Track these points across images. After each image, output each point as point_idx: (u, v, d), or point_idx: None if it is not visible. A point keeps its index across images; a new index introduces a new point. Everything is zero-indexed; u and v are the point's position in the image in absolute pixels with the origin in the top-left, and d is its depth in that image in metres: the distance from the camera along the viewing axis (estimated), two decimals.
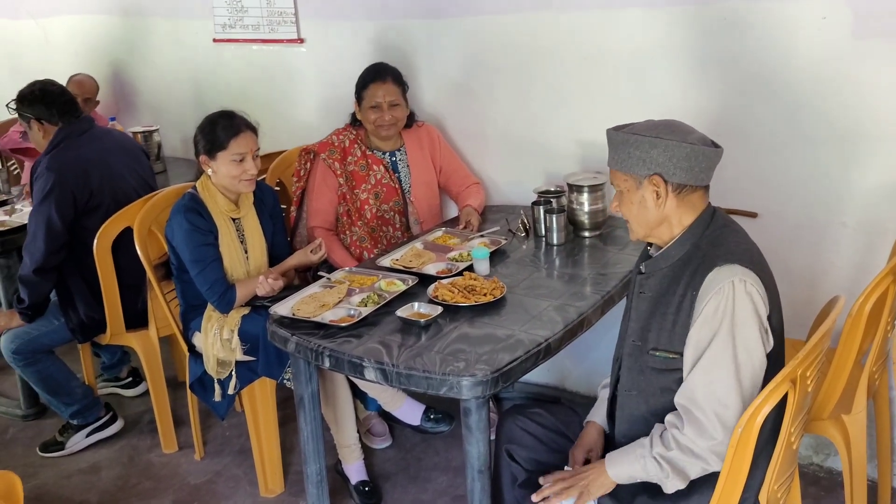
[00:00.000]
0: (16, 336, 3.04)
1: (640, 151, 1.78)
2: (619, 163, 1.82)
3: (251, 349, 2.71)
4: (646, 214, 1.83)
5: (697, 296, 1.74)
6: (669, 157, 1.76)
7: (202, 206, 2.73)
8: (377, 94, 3.01)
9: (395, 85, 3.03)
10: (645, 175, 1.79)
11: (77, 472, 3.12)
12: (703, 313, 1.72)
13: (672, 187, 1.79)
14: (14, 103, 3.07)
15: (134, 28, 4.32)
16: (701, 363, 1.72)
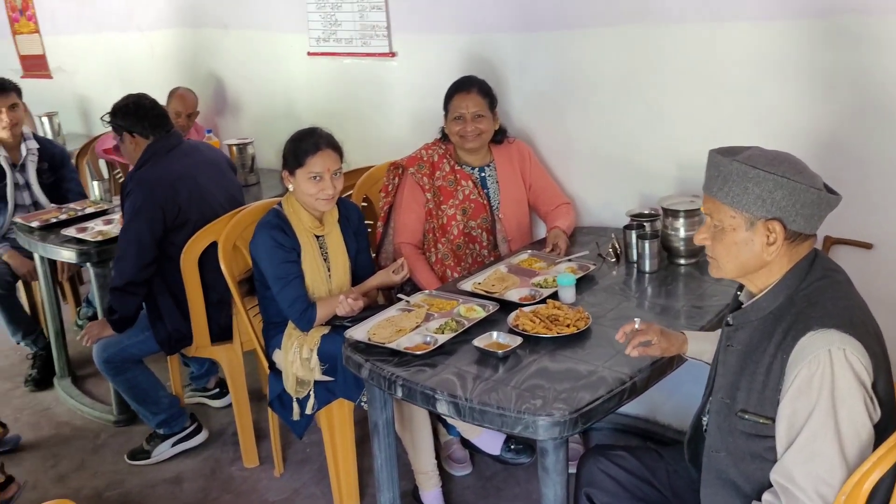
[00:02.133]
0: (107, 345, 3.10)
1: (761, 189, 1.56)
2: (731, 196, 1.59)
3: (330, 369, 2.67)
4: (747, 257, 1.63)
5: (788, 361, 1.55)
6: (794, 202, 1.55)
7: (286, 223, 2.71)
8: (461, 104, 2.95)
9: (480, 96, 2.94)
10: (762, 217, 1.58)
11: (161, 482, 3.15)
12: (796, 384, 1.53)
13: (787, 234, 1.59)
14: (108, 115, 3.13)
15: (233, 41, 4.39)
16: (798, 441, 1.52)
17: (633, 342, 1.92)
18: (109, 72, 5.33)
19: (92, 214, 3.72)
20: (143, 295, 3.06)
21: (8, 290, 3.88)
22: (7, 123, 3.89)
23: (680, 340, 1.98)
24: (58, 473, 3.25)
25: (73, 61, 5.69)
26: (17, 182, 3.99)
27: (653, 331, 1.93)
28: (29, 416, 3.71)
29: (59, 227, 3.55)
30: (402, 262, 2.78)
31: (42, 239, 3.47)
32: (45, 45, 5.86)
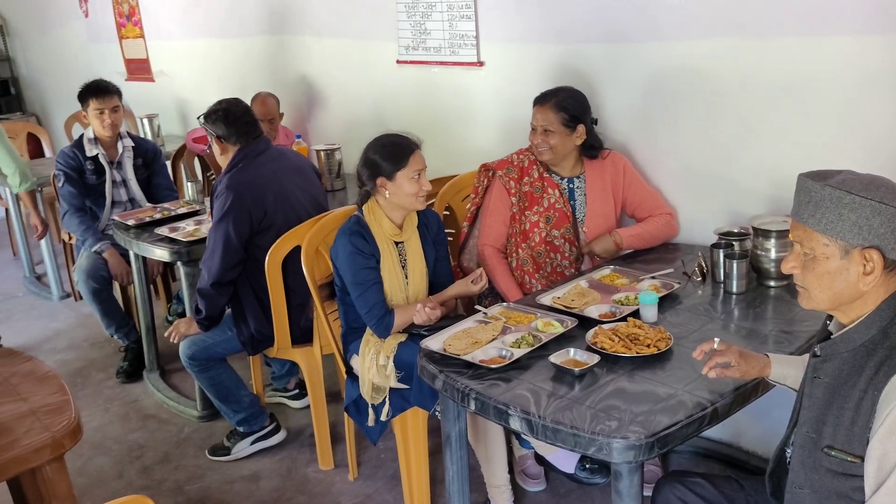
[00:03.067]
0: (192, 343, 3.19)
1: (857, 216, 1.47)
2: (823, 223, 1.51)
3: (406, 377, 2.68)
4: (841, 288, 1.54)
5: (880, 399, 1.46)
6: (893, 229, 1.47)
7: (366, 230, 2.73)
8: (534, 117, 2.95)
9: (553, 111, 2.90)
10: (858, 245, 1.49)
11: (239, 479, 3.22)
12: (888, 423, 1.44)
13: (885, 263, 1.50)
14: (202, 118, 3.22)
15: (325, 48, 4.46)
16: (889, 483, 1.44)
17: (711, 362, 1.86)
18: (207, 76, 5.50)
19: (184, 214, 3.84)
20: (228, 296, 3.14)
21: (103, 286, 4.04)
22: (109, 124, 4.07)
23: (761, 363, 1.90)
24: (142, 465, 3.36)
25: (174, 65, 5.90)
26: (115, 179, 4.17)
27: (732, 352, 1.87)
28: (118, 407, 3.85)
29: (154, 226, 3.68)
30: (481, 273, 2.77)
31: (137, 237, 3.59)
32: (148, 49, 6.09)
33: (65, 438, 2.06)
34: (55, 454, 2.05)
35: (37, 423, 2.09)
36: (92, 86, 4.10)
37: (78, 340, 4.64)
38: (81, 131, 6.14)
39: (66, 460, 2.12)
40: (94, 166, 4.13)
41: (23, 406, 2.19)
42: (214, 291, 3.09)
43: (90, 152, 4.12)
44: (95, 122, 4.08)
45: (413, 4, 3.79)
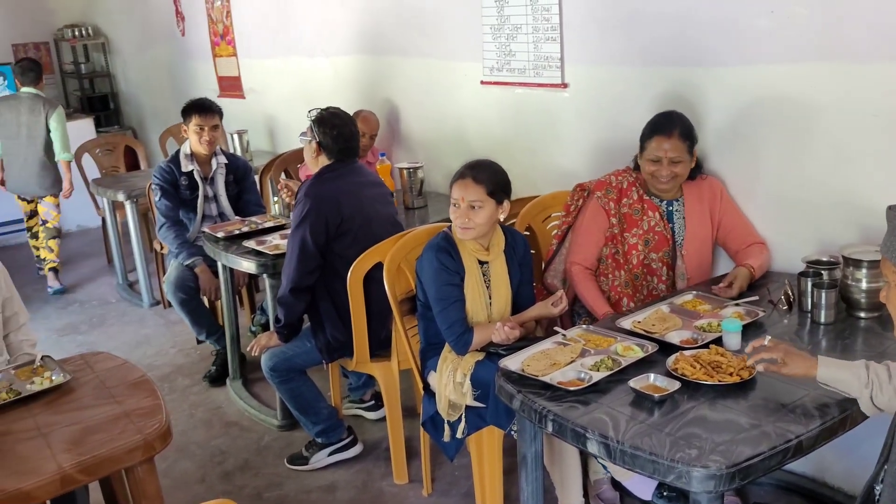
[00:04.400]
0: (273, 354, 3.28)
1: None
2: None
3: (482, 395, 2.70)
4: None
5: None
6: None
7: (453, 247, 2.77)
8: (660, 147, 2.87)
9: (680, 140, 2.86)
10: None
11: (316, 489, 3.28)
12: None
13: None
14: (310, 119, 3.29)
15: (411, 68, 4.55)
16: None
17: (757, 356, 2.01)
18: (295, 93, 5.66)
19: (271, 228, 3.95)
20: (305, 302, 3.22)
21: (191, 295, 4.19)
22: (206, 141, 4.21)
23: (808, 364, 1.96)
24: (224, 470, 3.46)
25: (264, 83, 6.09)
26: (207, 194, 4.32)
27: (779, 349, 2.01)
28: (203, 413, 3.98)
29: (241, 239, 3.80)
30: (562, 296, 2.77)
31: (225, 249, 3.72)
32: (240, 67, 6.31)
33: (156, 441, 2.15)
34: (146, 456, 2.14)
35: (130, 426, 2.18)
36: (196, 103, 4.24)
37: (166, 346, 4.81)
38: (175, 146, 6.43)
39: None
40: (189, 181, 4.27)
41: (117, 408, 2.29)
42: (293, 297, 3.17)
43: (185, 167, 4.25)
44: (194, 138, 4.21)
45: (499, 26, 3.84)
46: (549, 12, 3.58)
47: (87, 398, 2.38)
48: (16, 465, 2.04)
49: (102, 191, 5.42)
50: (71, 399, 2.39)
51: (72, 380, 2.47)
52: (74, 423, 2.23)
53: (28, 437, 2.17)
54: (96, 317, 5.41)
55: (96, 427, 2.19)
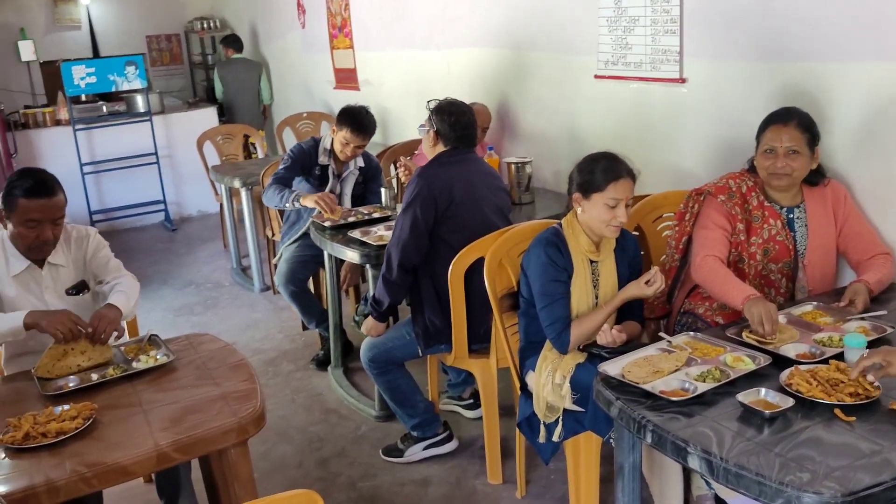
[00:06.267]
0: (373, 346, 3.28)
1: None
2: None
3: (581, 399, 2.60)
4: None
5: None
6: None
7: (563, 243, 2.69)
8: (775, 137, 2.70)
9: (798, 130, 2.68)
10: None
11: (409, 482, 3.27)
12: None
13: None
14: (428, 109, 3.29)
15: (523, 61, 4.47)
16: None
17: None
18: (408, 86, 5.67)
19: (377, 219, 3.96)
20: (408, 284, 3.20)
21: (300, 287, 4.25)
22: (347, 155, 4.17)
23: None
24: (321, 457, 3.49)
25: (378, 75, 6.15)
26: (334, 191, 4.30)
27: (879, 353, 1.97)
28: (304, 399, 4.03)
29: (348, 229, 3.81)
30: (656, 273, 2.61)
31: (332, 238, 3.74)
32: (356, 59, 6.38)
33: (249, 425, 2.17)
34: (240, 439, 2.16)
35: (226, 408, 2.21)
36: (355, 118, 4.09)
37: (273, 331, 4.92)
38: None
39: (250, 445, 2.23)
40: (321, 173, 4.27)
41: (215, 390, 2.33)
42: (397, 277, 3.15)
43: (321, 160, 4.25)
44: (338, 146, 4.17)
45: (616, 19, 3.71)
46: (668, 3, 3.43)
47: (187, 378, 2.43)
48: (117, 439, 2.10)
49: (220, 177, 5.60)
50: (173, 378, 2.44)
51: (175, 359, 2.53)
52: (174, 402, 2.28)
53: (130, 414, 2.24)
54: (210, 299, 5.59)
55: (194, 407, 2.24)
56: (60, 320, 2.47)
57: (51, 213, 2.64)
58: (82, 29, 9.38)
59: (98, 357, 2.53)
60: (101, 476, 1.99)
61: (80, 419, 2.16)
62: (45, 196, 2.62)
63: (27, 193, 2.59)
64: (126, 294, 2.73)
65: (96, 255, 2.84)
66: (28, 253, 2.70)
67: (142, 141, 7.39)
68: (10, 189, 2.62)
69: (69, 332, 2.47)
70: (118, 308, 2.63)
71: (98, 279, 2.85)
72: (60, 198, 2.67)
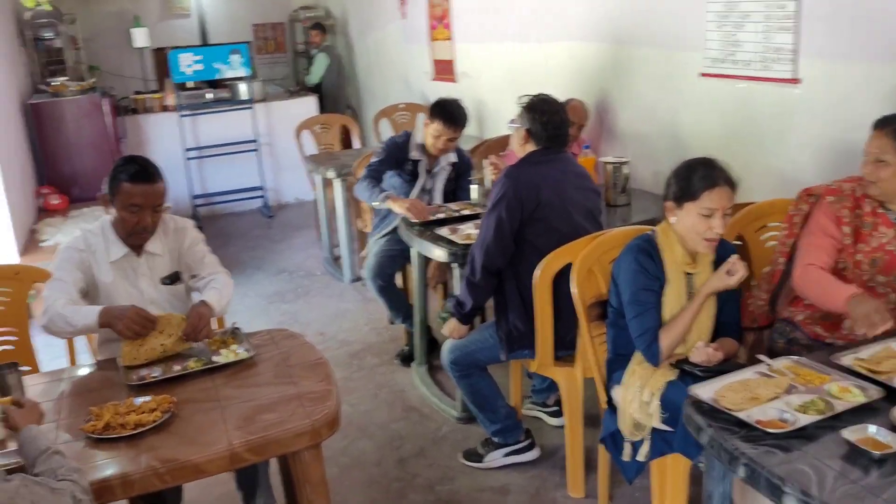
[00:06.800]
0: (456, 348, 3.21)
1: None
2: None
3: (671, 419, 2.46)
4: None
5: None
6: None
7: (656, 251, 2.55)
8: (869, 143, 2.55)
9: (889, 139, 2.49)
10: None
11: (488, 489, 3.19)
12: None
13: None
14: (520, 106, 3.16)
15: (625, 57, 4.31)
16: None
17: None
18: (505, 80, 5.57)
19: (467, 216, 3.88)
20: (493, 286, 3.12)
21: (387, 282, 4.23)
22: (439, 148, 4.09)
23: None
24: (400, 456, 3.45)
25: (476, 68, 6.06)
26: (425, 187, 4.24)
27: None
28: (386, 395, 4.01)
29: (436, 226, 3.75)
30: (735, 260, 2.45)
31: (419, 235, 3.69)
32: (454, 51, 6.32)
33: (323, 428, 2.13)
34: (312, 442, 2.12)
35: (300, 409, 2.18)
36: (446, 109, 4.02)
37: (360, 323, 4.92)
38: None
39: (331, 438, 2.19)
40: (413, 168, 4.22)
41: (291, 389, 2.30)
42: (481, 279, 3.07)
43: (413, 155, 4.19)
44: (429, 139, 4.10)
45: (725, 14, 3.51)
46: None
47: (265, 375, 2.42)
48: (192, 435, 2.10)
49: (315, 167, 5.63)
50: (252, 374, 2.43)
51: (255, 355, 2.53)
52: (250, 399, 2.26)
53: (208, 409, 2.23)
54: (301, 287, 5.65)
55: (269, 406, 2.21)
56: (132, 319, 2.48)
57: (152, 199, 2.68)
58: (192, 17, 9.65)
59: (176, 329, 2.55)
60: (174, 473, 1.98)
61: (158, 412, 2.17)
62: (147, 182, 2.66)
63: (131, 178, 2.64)
64: (219, 292, 2.74)
65: (192, 248, 2.87)
66: (127, 239, 2.74)
67: (243, 128, 7.54)
68: (115, 174, 2.68)
69: (142, 330, 2.50)
70: (210, 306, 2.64)
71: (193, 273, 2.87)
72: (161, 185, 2.71)
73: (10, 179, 5.27)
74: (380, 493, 3.21)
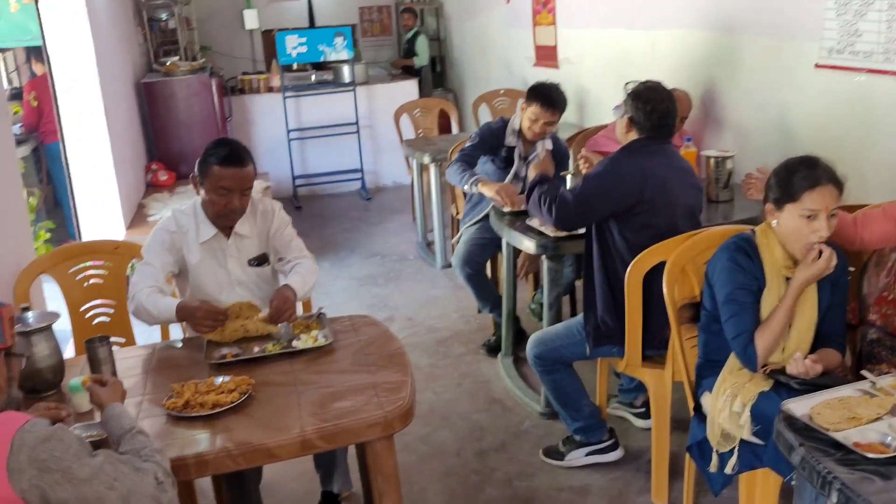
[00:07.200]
0: (540, 342, 3.14)
1: None
2: None
3: (762, 432, 2.32)
4: None
5: None
6: None
7: (755, 252, 2.42)
8: None
9: None
10: None
11: (567, 488, 3.11)
12: None
13: None
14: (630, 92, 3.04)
15: (732, 46, 4.10)
16: None
17: None
18: (608, 67, 5.41)
19: None
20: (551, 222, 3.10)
21: (476, 270, 4.18)
22: (535, 133, 3.98)
23: None
24: (480, 448, 3.41)
25: (579, 54, 5.91)
26: (519, 174, 4.15)
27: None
28: (470, 385, 3.97)
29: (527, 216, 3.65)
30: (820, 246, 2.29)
31: (510, 225, 3.62)
32: (557, 37, 6.18)
33: (396, 420, 2.11)
34: (384, 433, 2.10)
35: (374, 399, 2.16)
36: (545, 92, 3.91)
37: (449, 310, 4.90)
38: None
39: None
40: (507, 155, 4.14)
41: (367, 378, 2.29)
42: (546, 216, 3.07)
43: (509, 142, 4.11)
44: (526, 123, 4.00)
45: (845, 2, 3.27)
46: None
47: (343, 362, 2.41)
48: (267, 419, 2.11)
49: (412, 152, 5.63)
50: (330, 360, 2.43)
51: (334, 342, 2.52)
52: (326, 386, 2.26)
53: (284, 393, 2.24)
54: (393, 271, 5.67)
55: (344, 394, 2.20)
56: (203, 317, 2.53)
57: (240, 182, 2.71)
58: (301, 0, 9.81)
59: (251, 311, 2.58)
60: (247, 455, 2.00)
61: (236, 393, 2.19)
62: (237, 165, 2.69)
63: (221, 161, 2.67)
64: (303, 277, 2.75)
65: (280, 231, 2.89)
66: (215, 220, 2.78)
67: (345, 110, 7.62)
68: (205, 156, 2.72)
69: (215, 324, 2.54)
70: (294, 290, 2.66)
71: (279, 256, 2.90)
72: (250, 169, 2.74)
73: (121, 155, 5.48)
74: (457, 485, 3.18)
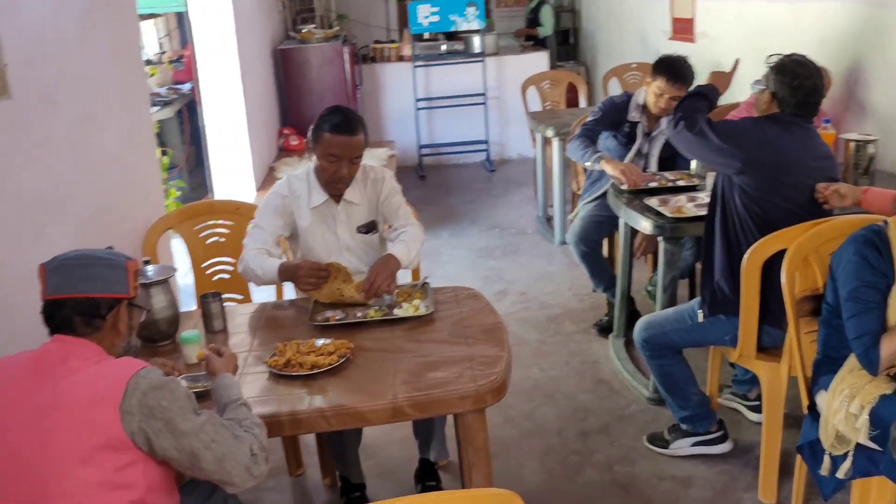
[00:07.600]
0: (650, 325, 3.04)
1: None
2: None
3: (880, 437, 2.17)
4: None
5: None
6: None
7: (885, 245, 2.24)
8: None
9: None
10: None
11: (669, 478, 3.02)
12: None
13: None
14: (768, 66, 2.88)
15: (885, 22, 3.79)
16: None
17: None
18: (747, 42, 5.13)
19: (682, 188, 3.64)
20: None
21: (592, 248, 4.09)
22: (661, 108, 3.86)
23: None
24: (582, 429, 3.36)
25: (717, 27, 5.64)
26: (641, 150, 4.02)
27: None
28: (578, 364, 3.91)
29: (647, 195, 3.54)
30: None
31: (628, 203, 3.51)
32: (696, 10, 5.91)
33: (488, 394, 2.10)
34: (476, 406, 2.10)
35: (468, 371, 2.15)
36: (671, 65, 3.80)
37: (562, 287, 4.83)
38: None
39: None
40: (630, 130, 4.01)
41: (464, 351, 2.28)
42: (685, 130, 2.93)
43: (632, 117, 3.99)
44: (651, 97, 3.89)
45: None
46: None
47: (441, 333, 2.42)
48: (361, 383, 2.15)
49: (536, 125, 5.56)
50: (429, 330, 2.44)
51: (434, 312, 2.53)
52: (422, 355, 2.27)
53: (381, 359, 2.27)
54: (511, 245, 5.64)
55: (438, 364, 2.21)
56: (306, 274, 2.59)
57: (350, 150, 2.75)
58: None
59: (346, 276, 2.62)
60: (339, 417, 2.04)
61: (335, 356, 2.24)
62: (347, 133, 2.72)
63: (333, 129, 2.72)
64: (408, 245, 2.76)
65: (389, 198, 2.92)
66: (326, 187, 2.84)
67: (473, 81, 7.60)
68: (319, 123, 2.77)
69: (318, 281, 2.60)
70: (397, 260, 2.67)
71: (388, 223, 2.93)
72: (361, 138, 2.76)
73: (255, 119, 5.69)
74: (556, 464, 3.15)
